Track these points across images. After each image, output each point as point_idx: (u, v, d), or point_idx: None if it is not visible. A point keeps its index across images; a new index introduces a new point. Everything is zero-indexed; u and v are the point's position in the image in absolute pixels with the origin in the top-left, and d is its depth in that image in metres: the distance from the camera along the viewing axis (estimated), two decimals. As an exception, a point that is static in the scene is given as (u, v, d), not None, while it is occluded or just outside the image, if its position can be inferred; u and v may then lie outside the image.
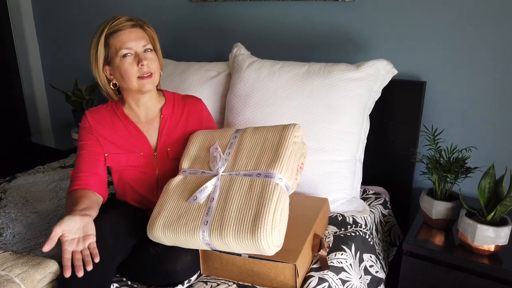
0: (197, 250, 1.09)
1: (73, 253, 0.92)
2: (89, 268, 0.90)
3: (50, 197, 1.54)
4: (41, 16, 2.61)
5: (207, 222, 0.99)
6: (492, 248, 1.13)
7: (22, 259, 1.01)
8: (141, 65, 1.14)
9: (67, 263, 0.89)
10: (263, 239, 0.92)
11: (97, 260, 0.92)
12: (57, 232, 0.91)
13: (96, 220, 1.06)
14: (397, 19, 1.52)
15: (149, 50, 1.17)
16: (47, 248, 0.89)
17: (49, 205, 1.48)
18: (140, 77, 1.15)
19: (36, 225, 1.33)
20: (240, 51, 1.64)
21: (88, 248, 0.94)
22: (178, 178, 1.12)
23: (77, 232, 0.95)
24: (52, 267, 1.00)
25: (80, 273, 0.89)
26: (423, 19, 1.48)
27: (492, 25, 1.38)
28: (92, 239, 0.95)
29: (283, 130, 1.12)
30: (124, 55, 1.13)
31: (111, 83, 1.21)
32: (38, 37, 2.68)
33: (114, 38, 1.14)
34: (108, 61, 1.17)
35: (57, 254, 1.15)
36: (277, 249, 0.96)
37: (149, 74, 1.16)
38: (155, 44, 1.22)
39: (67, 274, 0.88)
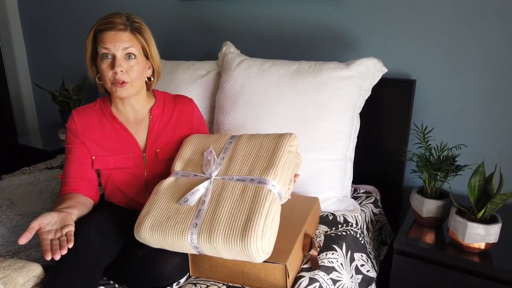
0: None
1: (51, 242, 0.92)
2: (63, 252, 0.89)
3: (36, 199, 1.50)
4: (28, 14, 2.56)
5: (196, 224, 0.97)
6: (482, 245, 1.13)
7: (5, 262, 0.98)
8: (114, 71, 1.11)
9: (47, 247, 0.90)
10: (252, 244, 0.90)
11: (70, 245, 0.91)
12: (33, 225, 0.92)
13: (82, 221, 1.04)
14: (387, 17, 1.52)
15: (132, 56, 1.13)
16: (23, 240, 0.89)
17: (34, 207, 1.44)
18: (113, 83, 1.13)
19: (20, 228, 1.30)
20: (229, 49, 1.63)
21: (66, 235, 0.93)
22: (169, 180, 1.10)
23: (54, 225, 0.96)
24: (35, 270, 0.98)
25: (57, 256, 0.88)
26: (413, 18, 1.48)
27: (482, 23, 1.38)
28: (71, 228, 0.95)
29: (279, 139, 1.11)
30: (103, 56, 1.11)
31: (96, 77, 1.20)
32: (25, 36, 2.63)
33: (100, 36, 1.12)
34: (95, 56, 1.15)
35: (41, 257, 1.13)
36: (266, 256, 0.95)
37: (122, 83, 1.12)
38: (147, 51, 1.18)
39: (48, 257, 0.88)
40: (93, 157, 1.20)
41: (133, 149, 1.22)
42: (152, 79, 1.24)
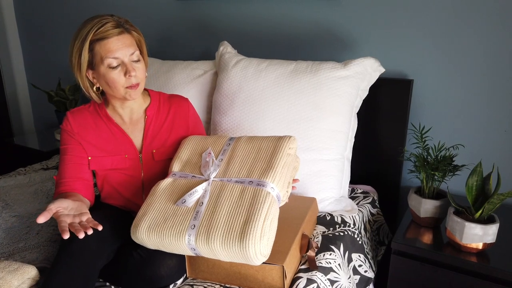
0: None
1: (70, 224, 0.90)
2: (89, 232, 0.88)
3: (31, 200, 1.49)
4: (23, 14, 2.55)
5: (194, 226, 0.96)
6: (480, 246, 1.12)
7: (-1, 265, 0.97)
8: (129, 76, 1.10)
9: (64, 228, 0.87)
10: (251, 246, 0.90)
11: (100, 228, 0.90)
12: (51, 207, 0.91)
13: None
14: (384, 17, 1.51)
15: (136, 58, 1.12)
16: (41, 219, 0.87)
17: (29, 208, 1.43)
18: (127, 87, 1.12)
19: (15, 229, 1.29)
20: (226, 49, 1.62)
21: (86, 221, 0.93)
22: (167, 181, 1.10)
23: (70, 211, 0.95)
24: (30, 272, 0.97)
25: (81, 235, 0.87)
26: (410, 17, 1.47)
27: (479, 23, 1.38)
28: (88, 216, 0.95)
29: (278, 141, 1.11)
30: (111, 65, 1.08)
31: (94, 87, 1.16)
32: (21, 35, 2.61)
33: (100, 45, 1.08)
34: (92, 66, 1.11)
35: (36, 258, 1.12)
36: (264, 259, 0.94)
37: (136, 85, 1.12)
38: (142, 47, 1.17)
39: (66, 236, 0.86)
40: (89, 158, 1.19)
41: (129, 150, 1.21)
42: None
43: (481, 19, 1.37)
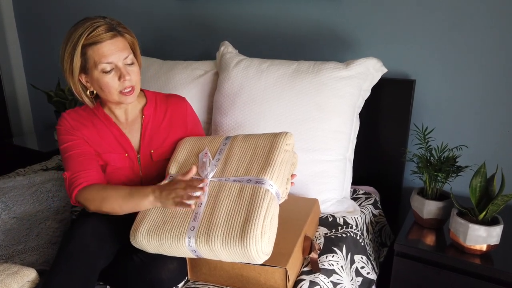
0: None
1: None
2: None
3: (31, 201, 1.48)
4: (23, 14, 2.54)
5: (194, 227, 0.95)
6: (484, 247, 1.11)
7: (-2, 267, 0.96)
8: (123, 80, 1.08)
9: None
10: (252, 245, 0.89)
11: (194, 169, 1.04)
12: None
13: (77, 223, 1.02)
14: (386, 17, 1.50)
15: (130, 61, 1.10)
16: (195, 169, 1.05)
17: (29, 209, 1.42)
18: (122, 93, 1.09)
19: (15, 231, 1.28)
20: (227, 49, 1.61)
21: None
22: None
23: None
24: (30, 275, 0.96)
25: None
26: (413, 17, 1.46)
27: (481, 24, 1.37)
28: None
29: (274, 138, 1.09)
30: (105, 69, 1.06)
31: (88, 91, 1.14)
32: (19, 36, 2.60)
33: (92, 50, 1.05)
34: (85, 71, 1.09)
35: (36, 261, 1.11)
36: (266, 257, 0.94)
37: (131, 89, 1.10)
38: (135, 49, 1.15)
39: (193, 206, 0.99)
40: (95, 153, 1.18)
41: (127, 150, 1.20)
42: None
43: (484, 19, 1.36)
